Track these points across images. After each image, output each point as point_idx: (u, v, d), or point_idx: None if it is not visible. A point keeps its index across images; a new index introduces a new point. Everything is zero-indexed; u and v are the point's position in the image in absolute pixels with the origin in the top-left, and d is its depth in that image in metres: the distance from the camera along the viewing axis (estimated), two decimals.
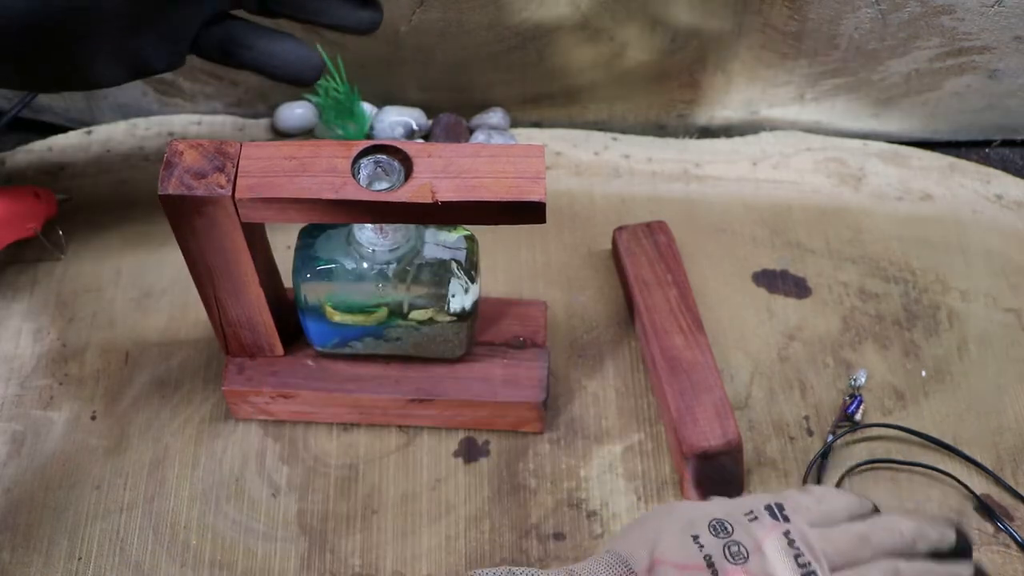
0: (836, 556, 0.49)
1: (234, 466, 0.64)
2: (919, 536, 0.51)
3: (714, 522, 0.49)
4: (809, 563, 0.47)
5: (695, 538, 0.48)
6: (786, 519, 0.49)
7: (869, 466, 0.65)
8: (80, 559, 0.61)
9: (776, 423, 0.67)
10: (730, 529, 0.48)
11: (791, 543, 0.48)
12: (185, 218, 0.53)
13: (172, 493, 0.63)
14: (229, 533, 0.62)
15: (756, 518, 0.49)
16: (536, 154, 0.52)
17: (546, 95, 0.82)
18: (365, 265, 0.58)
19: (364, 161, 0.52)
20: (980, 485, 0.65)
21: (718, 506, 0.50)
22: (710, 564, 0.47)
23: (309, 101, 0.81)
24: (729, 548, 0.48)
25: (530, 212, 0.51)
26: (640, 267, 0.70)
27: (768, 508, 0.49)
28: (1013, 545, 0.62)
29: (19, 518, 0.62)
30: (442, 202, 0.51)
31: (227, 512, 0.63)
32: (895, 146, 0.82)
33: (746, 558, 0.47)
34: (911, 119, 0.83)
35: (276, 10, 0.59)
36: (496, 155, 0.52)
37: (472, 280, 0.60)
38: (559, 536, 0.62)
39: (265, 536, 0.62)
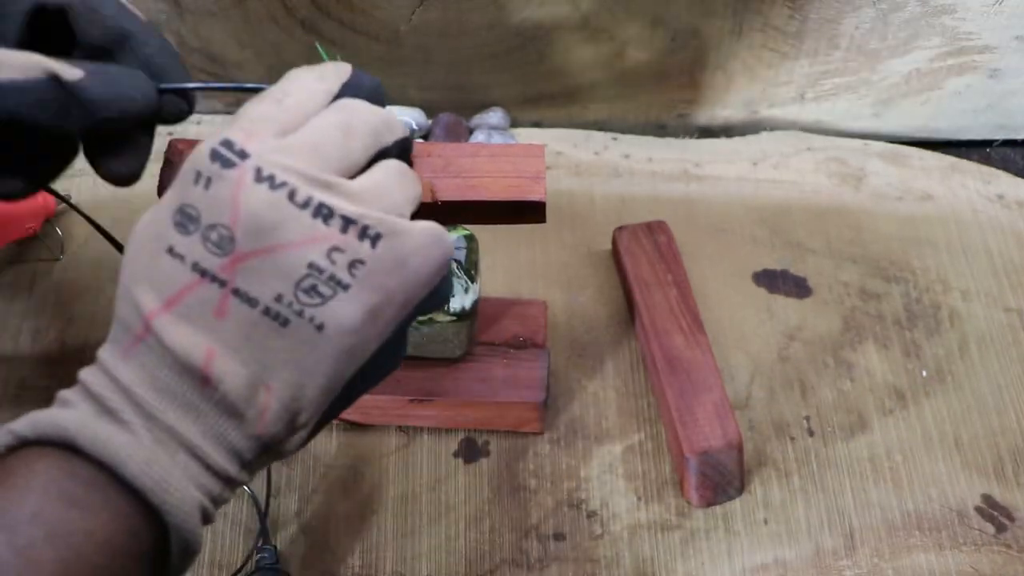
0: (327, 164, 0.38)
1: None
2: (386, 120, 0.42)
3: (177, 216, 0.37)
4: (311, 196, 0.37)
5: (170, 251, 0.37)
6: (243, 155, 0.37)
7: (870, 465, 0.65)
8: None
9: (776, 423, 0.67)
10: (195, 214, 0.37)
11: (273, 182, 0.37)
12: None
13: None
14: (229, 533, 0.62)
15: (210, 179, 0.37)
16: (536, 154, 0.52)
17: (546, 95, 0.82)
18: None
19: None
20: (980, 484, 0.65)
21: (172, 190, 0.38)
22: (204, 272, 0.37)
23: None
24: (208, 238, 0.37)
25: (531, 212, 0.51)
26: (640, 267, 0.70)
27: (215, 153, 0.37)
28: (1014, 546, 0.62)
29: None
30: (442, 202, 0.51)
31: (227, 512, 0.63)
32: (896, 146, 0.82)
33: (232, 238, 0.36)
34: (912, 119, 0.83)
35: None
36: (496, 155, 0.52)
37: (472, 280, 0.60)
38: (559, 536, 0.62)
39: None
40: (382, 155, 0.41)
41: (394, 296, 0.39)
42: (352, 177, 0.39)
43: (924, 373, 0.69)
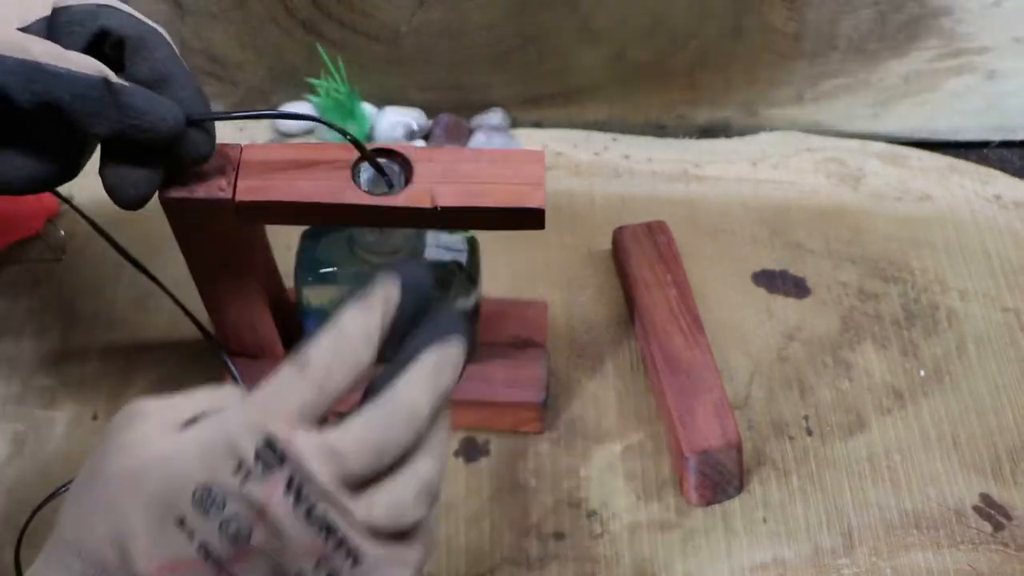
0: (350, 480, 0.39)
1: None
2: (438, 405, 0.42)
3: (200, 493, 0.37)
4: (325, 514, 0.38)
5: (180, 523, 0.37)
6: (282, 459, 0.38)
7: (868, 464, 0.65)
8: None
9: (776, 423, 0.67)
10: (221, 501, 0.37)
11: (299, 496, 0.38)
12: (186, 220, 0.53)
13: None
14: None
15: (249, 473, 0.37)
16: (536, 160, 0.52)
17: (546, 95, 0.82)
18: (367, 268, 0.59)
19: (364, 165, 0.52)
20: (978, 484, 0.65)
21: (195, 456, 0.38)
22: (208, 556, 0.37)
23: (310, 102, 0.81)
24: (227, 529, 0.37)
25: (529, 218, 0.52)
26: (640, 267, 0.71)
27: (258, 454, 0.38)
28: (1012, 545, 0.62)
29: (21, 517, 0.62)
30: (441, 207, 0.51)
31: None
32: (894, 146, 0.82)
33: (248, 536, 0.37)
34: (910, 119, 0.83)
35: None
36: (496, 160, 0.52)
37: (473, 282, 0.60)
38: (559, 536, 0.63)
39: None
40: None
41: None
42: (374, 479, 0.40)
43: (922, 373, 0.70)
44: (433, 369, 0.41)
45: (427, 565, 0.57)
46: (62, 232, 0.74)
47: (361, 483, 0.39)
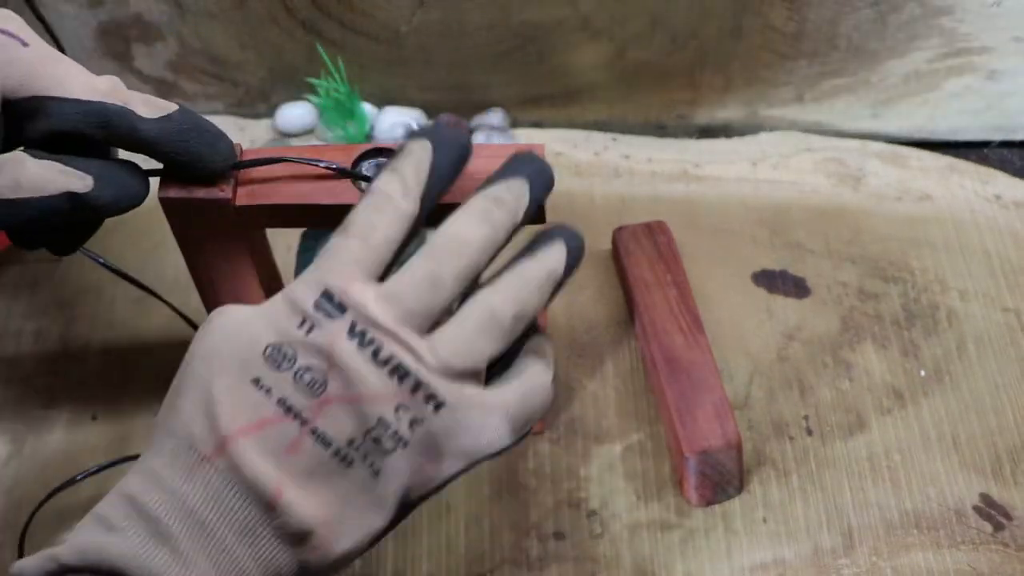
0: (412, 319, 0.41)
1: None
2: (492, 237, 0.44)
3: (270, 351, 0.40)
4: (392, 355, 0.40)
5: (256, 382, 0.39)
6: (341, 308, 0.40)
7: (869, 464, 0.65)
8: None
9: (776, 423, 0.67)
10: (291, 354, 0.40)
11: (363, 339, 0.40)
12: (185, 221, 0.53)
13: None
14: None
15: (312, 325, 0.40)
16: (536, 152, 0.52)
17: (546, 95, 0.82)
18: None
19: (364, 164, 0.52)
20: (978, 484, 0.65)
21: (263, 320, 0.40)
22: (289, 409, 0.39)
23: (310, 102, 0.81)
24: (302, 379, 0.39)
25: None
26: (640, 267, 0.71)
27: (318, 305, 0.40)
28: (1012, 545, 0.62)
29: (20, 518, 0.62)
30: (441, 203, 0.51)
31: None
32: (894, 146, 0.82)
33: (324, 384, 0.39)
34: (910, 119, 0.83)
35: None
36: (495, 156, 0.52)
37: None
38: (559, 535, 0.63)
39: None
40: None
41: (443, 459, 0.41)
42: (437, 323, 0.42)
43: (922, 373, 0.70)
44: (483, 201, 0.43)
45: (427, 568, 0.57)
46: None
47: (427, 325, 0.41)
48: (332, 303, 0.40)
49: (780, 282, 0.74)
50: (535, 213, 0.46)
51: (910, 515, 0.64)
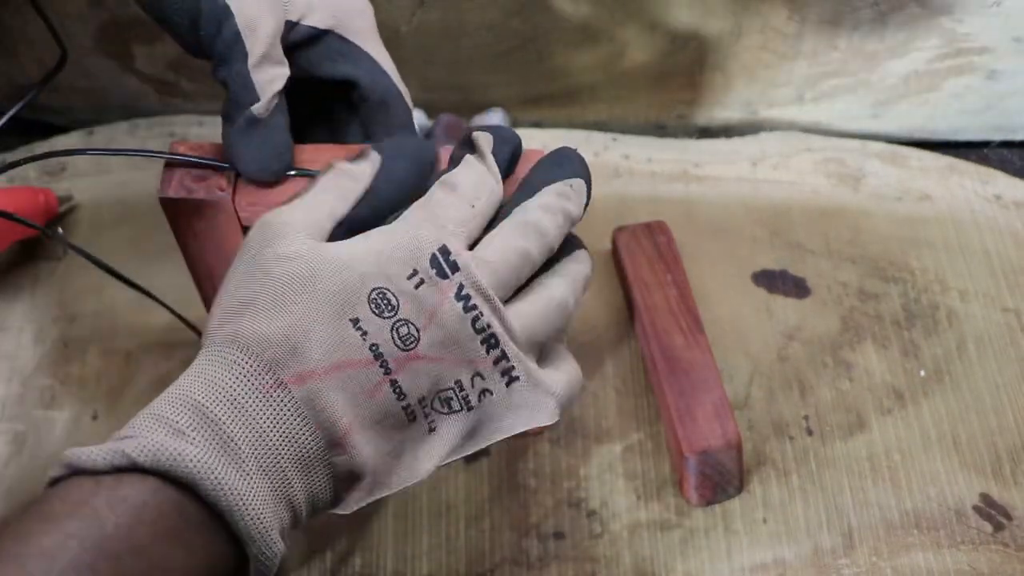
0: (503, 290, 0.42)
1: None
2: (563, 228, 0.45)
3: (375, 295, 0.39)
4: (488, 325, 0.40)
5: (355, 323, 0.39)
6: (454, 267, 0.40)
7: (869, 464, 0.65)
8: None
9: (775, 423, 0.67)
10: (396, 304, 0.39)
11: (467, 304, 0.40)
12: (185, 220, 0.53)
13: None
14: None
15: (423, 280, 0.40)
16: (534, 159, 0.52)
17: (546, 95, 0.82)
18: None
19: None
20: (978, 484, 0.65)
21: (372, 262, 0.40)
22: (378, 356, 0.39)
23: None
24: (398, 331, 0.39)
25: None
26: (640, 267, 0.71)
27: (433, 259, 0.40)
28: (1012, 545, 0.62)
29: None
30: None
31: None
32: (894, 146, 0.82)
33: (417, 339, 0.39)
34: (910, 120, 0.83)
35: None
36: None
37: None
38: (559, 535, 0.63)
39: None
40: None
41: (493, 430, 0.43)
42: (516, 293, 0.43)
43: (922, 373, 0.70)
44: (557, 195, 0.44)
45: (427, 568, 0.57)
46: (60, 230, 0.74)
47: (508, 298, 0.42)
48: (447, 259, 0.40)
49: (780, 282, 0.74)
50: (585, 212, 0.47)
51: (910, 515, 0.64)
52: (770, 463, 0.66)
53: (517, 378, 0.42)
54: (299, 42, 0.50)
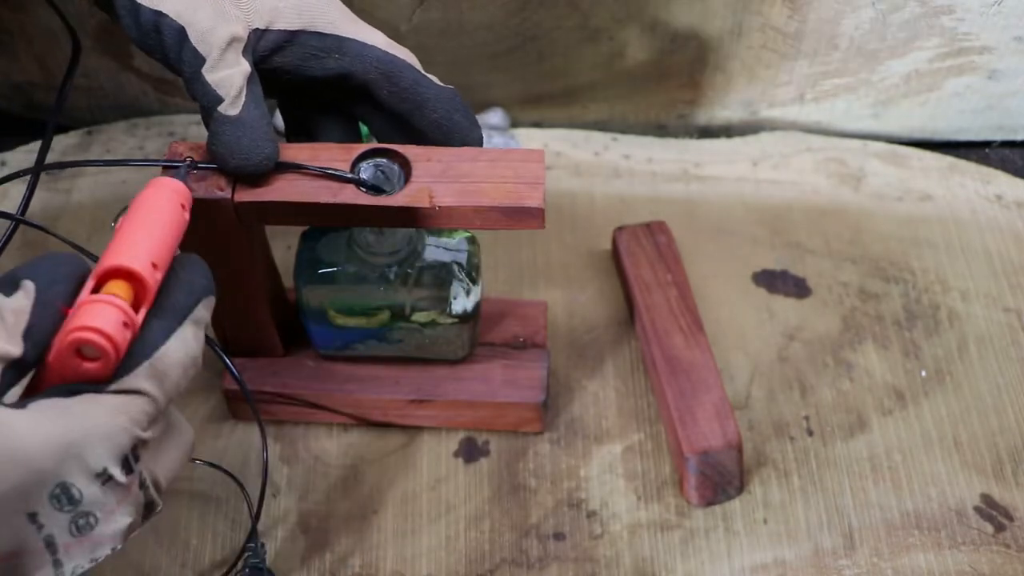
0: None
1: (234, 466, 0.64)
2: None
3: (59, 490, 0.36)
4: (152, 497, 0.40)
5: (32, 516, 0.36)
6: (136, 458, 0.38)
7: (869, 465, 0.65)
8: None
9: (776, 423, 0.67)
10: (78, 497, 0.37)
11: (144, 490, 0.39)
12: None
13: (172, 493, 0.63)
14: (229, 533, 0.62)
15: (110, 478, 0.37)
16: (535, 159, 0.52)
17: (546, 95, 0.82)
18: (367, 268, 0.59)
19: (364, 165, 0.52)
20: (979, 484, 0.65)
21: (56, 455, 0.36)
22: (50, 545, 0.37)
23: None
24: (76, 523, 0.37)
25: (528, 217, 0.51)
26: (640, 267, 0.70)
27: (125, 461, 0.38)
28: (1013, 546, 0.62)
29: None
30: (440, 207, 0.51)
31: (227, 512, 0.63)
32: (895, 146, 0.82)
33: (93, 527, 0.38)
34: (911, 119, 0.83)
35: None
36: (495, 159, 0.52)
37: (474, 282, 0.60)
38: (559, 536, 0.63)
39: (265, 536, 0.62)
40: None
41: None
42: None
43: (923, 373, 0.70)
44: (193, 328, 0.42)
45: (427, 568, 0.57)
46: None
47: None
48: (134, 455, 0.38)
49: (780, 282, 0.74)
50: None
51: (911, 516, 0.64)
52: (771, 463, 0.66)
53: (148, 519, 0.41)
54: (274, 48, 0.50)
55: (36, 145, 0.80)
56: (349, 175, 0.51)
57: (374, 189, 0.51)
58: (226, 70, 0.48)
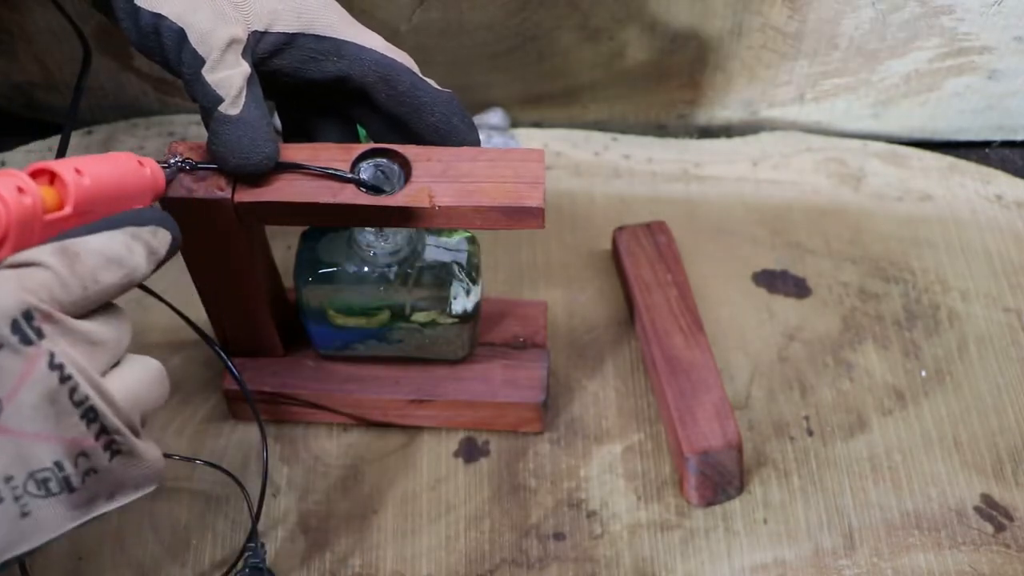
0: (102, 364, 0.39)
1: (234, 466, 0.64)
2: (148, 262, 0.42)
3: None
4: (87, 397, 0.37)
5: None
6: (40, 333, 0.35)
7: (869, 465, 0.65)
8: (81, 559, 0.61)
9: (776, 423, 0.67)
10: None
11: (62, 374, 0.36)
12: (185, 220, 0.53)
13: (172, 493, 0.63)
14: (229, 533, 0.62)
15: (2, 345, 0.35)
16: (535, 159, 0.52)
17: (546, 95, 0.82)
18: (367, 268, 0.59)
19: (364, 165, 0.52)
20: (979, 484, 0.65)
21: None
22: None
23: None
24: None
25: (528, 217, 0.51)
26: (640, 267, 0.70)
27: (15, 324, 0.35)
28: (1013, 546, 0.62)
29: None
30: (440, 206, 0.51)
31: (227, 512, 0.63)
32: (895, 146, 0.82)
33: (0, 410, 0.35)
34: (911, 119, 0.83)
35: None
36: (495, 159, 0.52)
37: (474, 282, 0.60)
38: (559, 536, 0.63)
39: (265, 536, 0.62)
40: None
41: (99, 505, 0.39)
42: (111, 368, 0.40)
43: (923, 373, 0.70)
44: (147, 231, 0.42)
45: (427, 568, 0.57)
46: None
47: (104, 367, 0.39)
48: (31, 325, 0.35)
49: (781, 282, 0.74)
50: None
51: (911, 516, 0.64)
52: (771, 463, 0.66)
53: (120, 451, 0.38)
54: (273, 50, 0.51)
55: (36, 145, 0.80)
56: (349, 175, 0.51)
57: (374, 189, 0.51)
58: (226, 71, 0.48)
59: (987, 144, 0.84)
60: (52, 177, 0.40)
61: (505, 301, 0.68)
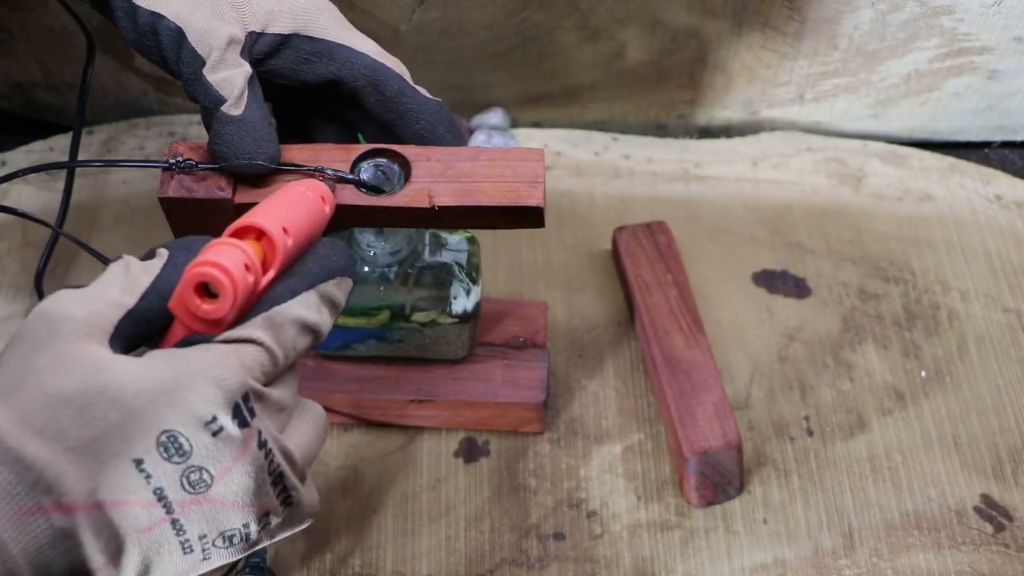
0: (284, 427, 0.40)
1: None
2: (328, 324, 0.42)
3: (165, 438, 0.35)
4: (279, 466, 0.38)
5: (137, 463, 0.35)
6: (252, 412, 0.37)
7: (869, 465, 0.65)
8: None
9: (776, 423, 0.67)
10: (187, 448, 0.35)
11: (266, 452, 0.37)
12: (185, 220, 0.53)
13: None
14: None
15: (222, 428, 0.36)
16: (535, 158, 0.52)
17: (546, 95, 0.82)
18: (367, 268, 0.59)
19: (363, 165, 0.52)
20: (979, 484, 0.65)
21: (161, 398, 0.35)
22: (162, 499, 0.35)
23: None
24: (188, 477, 0.36)
25: (528, 217, 0.51)
26: (640, 267, 0.70)
27: (236, 409, 0.36)
28: (1013, 546, 0.62)
29: None
30: (439, 207, 0.51)
31: None
32: (895, 146, 0.82)
33: (209, 485, 0.36)
34: (911, 119, 0.83)
35: None
36: (495, 159, 0.52)
37: (474, 282, 0.60)
38: (559, 536, 0.63)
39: None
40: None
41: (259, 544, 0.40)
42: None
43: (923, 373, 0.70)
44: (335, 286, 0.42)
45: (427, 568, 0.57)
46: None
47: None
48: (247, 406, 0.37)
49: (780, 282, 0.74)
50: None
51: (911, 516, 0.64)
52: (770, 464, 0.66)
53: (290, 504, 0.40)
54: (268, 51, 0.51)
55: (36, 145, 0.80)
56: (349, 175, 0.51)
57: (374, 189, 0.51)
58: (227, 71, 0.48)
59: (987, 144, 0.84)
60: (260, 234, 0.40)
61: (505, 301, 0.68)
